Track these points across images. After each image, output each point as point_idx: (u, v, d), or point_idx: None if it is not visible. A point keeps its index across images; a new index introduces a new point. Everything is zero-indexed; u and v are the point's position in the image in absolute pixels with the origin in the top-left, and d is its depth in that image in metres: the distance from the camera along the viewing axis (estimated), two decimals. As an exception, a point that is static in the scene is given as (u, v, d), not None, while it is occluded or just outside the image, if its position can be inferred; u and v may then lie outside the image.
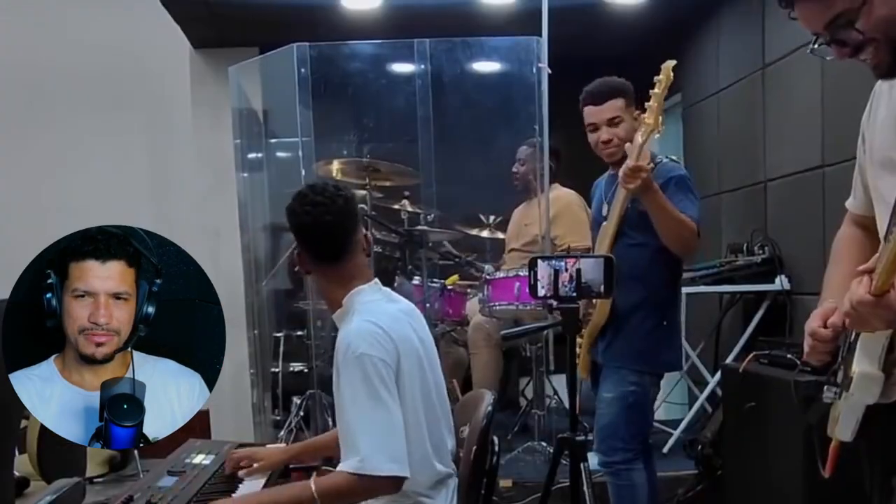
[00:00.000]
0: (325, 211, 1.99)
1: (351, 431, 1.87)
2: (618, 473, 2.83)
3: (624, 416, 2.81)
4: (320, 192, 2.01)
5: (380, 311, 2.00)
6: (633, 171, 2.58)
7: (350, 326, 1.95)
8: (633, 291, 2.76)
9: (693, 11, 4.86)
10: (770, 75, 4.11)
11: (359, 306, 2.01)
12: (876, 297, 1.26)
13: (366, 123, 4.73)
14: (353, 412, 1.87)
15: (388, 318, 1.98)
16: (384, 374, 1.88)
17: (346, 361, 1.89)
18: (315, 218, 1.99)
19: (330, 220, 1.99)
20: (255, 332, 4.77)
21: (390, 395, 1.88)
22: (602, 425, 2.84)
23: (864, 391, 1.38)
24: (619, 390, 2.81)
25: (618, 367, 2.83)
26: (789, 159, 3.90)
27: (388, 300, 2.09)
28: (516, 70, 4.19)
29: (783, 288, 3.79)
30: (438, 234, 4.40)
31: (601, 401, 2.86)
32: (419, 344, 2.04)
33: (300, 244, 2.08)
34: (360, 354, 1.87)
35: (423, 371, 2.01)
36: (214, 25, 4.93)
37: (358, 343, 1.89)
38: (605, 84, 2.89)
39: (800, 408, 1.56)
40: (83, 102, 5.43)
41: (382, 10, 4.60)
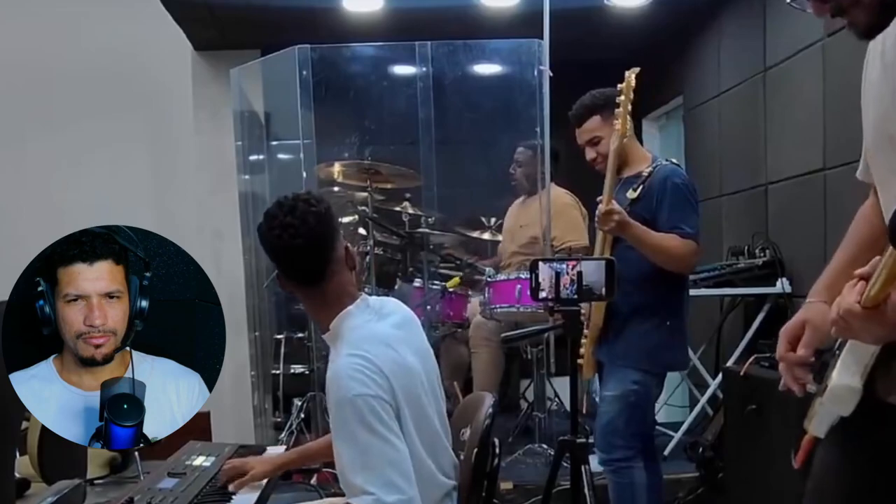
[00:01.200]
0: (295, 234, 1.86)
1: (355, 471, 1.77)
2: (618, 471, 2.85)
3: (625, 414, 2.83)
4: (289, 211, 1.87)
5: (369, 337, 1.90)
6: (606, 216, 2.74)
7: (339, 363, 1.85)
8: (634, 292, 2.77)
9: (694, 14, 4.86)
10: (771, 78, 4.11)
11: (347, 333, 1.92)
12: (866, 309, 1.15)
13: (367, 125, 4.73)
14: (355, 452, 1.78)
15: (379, 346, 1.88)
16: (380, 410, 1.79)
17: (339, 404, 1.80)
18: (286, 242, 1.86)
19: (301, 244, 1.87)
20: (255, 334, 4.77)
21: (389, 429, 1.80)
22: (603, 423, 2.87)
23: (837, 403, 1.29)
24: (621, 389, 2.84)
25: (621, 366, 2.86)
26: (791, 162, 3.90)
27: (378, 318, 1.98)
28: (517, 73, 4.20)
29: (784, 291, 3.79)
30: (440, 237, 4.41)
31: (603, 399, 2.89)
32: (414, 360, 1.96)
33: (276, 267, 1.98)
34: (353, 397, 1.78)
35: (418, 390, 1.94)
36: (216, 27, 4.94)
37: (349, 384, 1.79)
38: (581, 105, 3.01)
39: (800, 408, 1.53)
40: (85, 104, 5.44)
41: (384, 12, 4.60)
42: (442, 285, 4.22)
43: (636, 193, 2.84)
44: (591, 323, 2.89)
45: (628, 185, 2.88)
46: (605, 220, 2.75)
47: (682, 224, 2.78)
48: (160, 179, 5.61)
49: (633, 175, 2.90)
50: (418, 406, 1.93)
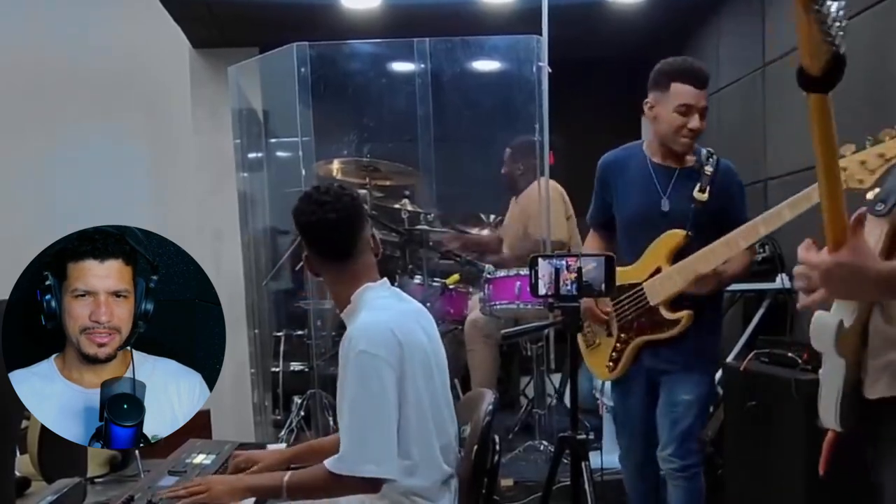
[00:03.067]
0: (331, 209, 1.99)
1: (342, 428, 1.88)
2: (693, 477, 2.76)
3: (702, 418, 2.81)
4: (325, 191, 2.02)
5: (388, 307, 2.00)
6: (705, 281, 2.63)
7: (356, 322, 1.95)
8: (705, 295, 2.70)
9: (693, 10, 4.85)
10: (770, 74, 4.11)
11: (368, 302, 2.01)
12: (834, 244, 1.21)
13: (366, 123, 4.72)
14: (346, 409, 1.88)
15: (397, 315, 1.98)
16: (383, 374, 1.86)
17: (347, 357, 1.89)
18: (320, 217, 1.99)
19: (334, 218, 1.99)
20: (255, 332, 4.77)
21: (384, 395, 1.86)
22: (682, 429, 2.73)
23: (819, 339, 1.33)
24: (696, 392, 2.74)
25: (692, 369, 2.75)
26: (790, 157, 3.90)
27: (398, 299, 2.09)
28: (516, 69, 4.19)
29: (784, 287, 3.78)
30: (439, 234, 4.40)
31: (678, 403, 2.74)
32: (427, 342, 2.02)
33: (307, 244, 2.07)
34: (360, 352, 1.87)
35: (430, 371, 2.00)
36: (214, 25, 4.93)
37: (359, 339, 1.89)
38: (704, 70, 2.75)
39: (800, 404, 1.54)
40: (83, 102, 5.43)
41: (382, 9, 4.60)
42: (442, 282, 4.22)
43: (705, 195, 2.69)
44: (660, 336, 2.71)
45: (688, 180, 2.73)
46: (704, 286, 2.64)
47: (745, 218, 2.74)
48: (159, 177, 5.61)
49: (689, 168, 2.75)
50: (430, 383, 1.98)
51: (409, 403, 1.91)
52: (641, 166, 2.81)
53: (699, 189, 2.69)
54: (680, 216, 2.70)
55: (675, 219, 2.71)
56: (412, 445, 1.91)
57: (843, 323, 1.33)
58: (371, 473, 1.83)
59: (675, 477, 2.76)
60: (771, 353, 3.04)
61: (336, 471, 1.84)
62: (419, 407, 1.93)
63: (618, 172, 2.88)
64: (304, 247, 2.09)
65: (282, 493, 1.90)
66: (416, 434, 1.91)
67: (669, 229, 2.71)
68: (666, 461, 2.77)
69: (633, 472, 2.98)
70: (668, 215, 2.72)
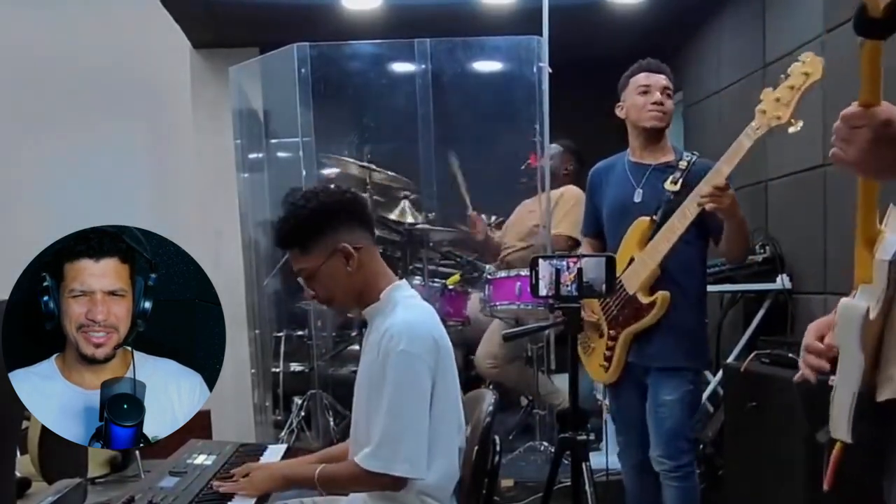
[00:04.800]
0: (303, 207, 2.02)
1: (373, 422, 1.90)
2: (686, 477, 2.79)
3: (687, 417, 2.81)
4: (295, 197, 2.06)
5: (423, 307, 2.04)
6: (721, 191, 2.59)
7: (395, 319, 1.94)
8: (688, 290, 2.76)
9: (694, 11, 4.85)
10: (771, 74, 4.10)
11: (402, 300, 2.02)
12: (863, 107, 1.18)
13: (366, 123, 4.72)
14: (384, 406, 1.88)
15: (432, 317, 2.02)
16: (422, 375, 1.89)
17: (387, 353, 1.90)
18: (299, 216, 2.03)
19: (310, 211, 2.01)
20: (255, 332, 4.77)
21: (422, 396, 1.89)
22: (668, 428, 2.78)
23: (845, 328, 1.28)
24: (680, 391, 2.78)
25: (676, 367, 2.78)
26: (790, 158, 3.90)
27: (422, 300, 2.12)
28: (517, 70, 4.20)
29: (784, 287, 3.78)
30: (439, 234, 4.40)
31: (662, 404, 2.78)
32: (450, 344, 2.05)
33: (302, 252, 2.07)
34: (402, 351, 1.88)
35: (455, 373, 2.03)
36: (215, 25, 4.93)
37: (401, 338, 1.89)
38: (660, 63, 2.91)
39: (803, 409, 1.50)
40: (83, 102, 5.43)
41: (382, 9, 4.60)
42: (442, 283, 4.22)
43: (677, 186, 2.77)
44: (638, 325, 2.77)
45: (661, 174, 2.83)
46: (719, 198, 2.59)
47: None
48: (159, 177, 5.61)
49: (665, 164, 2.85)
50: (454, 384, 2.02)
51: (439, 405, 1.93)
52: (621, 167, 2.95)
53: (671, 181, 2.77)
54: (652, 206, 2.79)
55: (646, 209, 2.81)
56: (437, 446, 1.93)
57: (869, 311, 1.27)
58: (404, 473, 1.86)
59: (668, 477, 2.80)
60: (771, 354, 3.04)
61: (368, 467, 1.87)
62: (447, 408, 1.96)
63: (603, 177, 3.02)
64: (299, 262, 2.07)
65: (315, 484, 1.97)
66: (442, 436, 1.93)
67: None
68: (657, 462, 2.81)
69: (630, 471, 3.00)
70: (640, 206, 2.83)
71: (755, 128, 2.59)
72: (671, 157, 2.87)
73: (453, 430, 1.99)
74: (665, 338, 2.77)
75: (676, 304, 2.75)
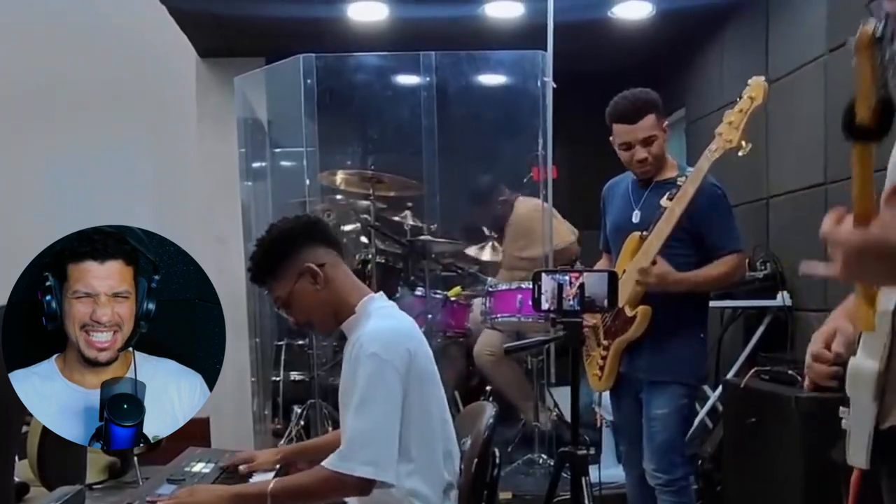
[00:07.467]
0: (266, 236, 2.11)
1: (345, 427, 1.91)
2: (681, 491, 2.78)
3: (681, 430, 2.80)
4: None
5: (395, 316, 2.05)
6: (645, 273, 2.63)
7: (366, 327, 1.97)
8: (679, 304, 2.74)
9: (697, 27, 4.88)
10: (773, 91, 4.11)
11: (375, 311, 2.03)
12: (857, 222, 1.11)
13: (370, 135, 4.74)
14: (352, 410, 1.89)
15: (405, 323, 2.04)
16: (391, 378, 1.88)
17: (357, 359, 1.91)
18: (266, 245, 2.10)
19: (276, 236, 2.09)
20: (256, 341, 4.77)
21: (392, 399, 1.88)
22: (660, 442, 2.76)
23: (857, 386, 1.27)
24: (673, 405, 2.76)
25: (668, 381, 2.77)
26: (792, 176, 3.91)
27: (398, 311, 2.12)
28: (521, 84, 4.21)
29: (785, 304, 3.79)
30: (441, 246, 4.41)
31: (654, 418, 2.77)
32: (430, 352, 2.06)
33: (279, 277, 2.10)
34: (372, 354, 1.88)
35: (435, 378, 2.03)
36: (221, 35, 4.96)
37: (371, 343, 1.90)
38: (637, 100, 2.78)
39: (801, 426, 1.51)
40: (88, 109, 5.45)
41: (389, 22, 4.62)
42: (443, 294, 4.23)
43: (671, 202, 2.73)
44: (625, 336, 2.77)
45: (660, 190, 2.77)
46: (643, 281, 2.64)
47: (737, 240, 2.79)
48: (163, 185, 5.62)
49: (664, 181, 2.81)
50: (438, 391, 2.02)
51: (412, 408, 1.92)
52: (625, 186, 2.95)
53: (667, 197, 2.73)
54: (647, 224, 2.77)
55: (643, 227, 2.79)
56: (412, 448, 1.93)
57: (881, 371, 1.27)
58: (369, 475, 1.84)
59: (663, 491, 2.79)
60: (771, 371, 3.05)
61: (333, 468, 1.85)
62: (424, 412, 1.95)
63: (611, 195, 3.02)
64: (275, 291, 2.09)
65: (266, 500, 1.88)
66: (417, 438, 1.93)
67: None
68: (651, 476, 2.80)
69: (634, 480, 2.99)
70: (637, 226, 2.82)
71: (713, 150, 2.62)
72: (673, 173, 2.84)
73: (432, 433, 1.98)
74: (655, 351, 2.76)
75: (669, 318, 2.73)
